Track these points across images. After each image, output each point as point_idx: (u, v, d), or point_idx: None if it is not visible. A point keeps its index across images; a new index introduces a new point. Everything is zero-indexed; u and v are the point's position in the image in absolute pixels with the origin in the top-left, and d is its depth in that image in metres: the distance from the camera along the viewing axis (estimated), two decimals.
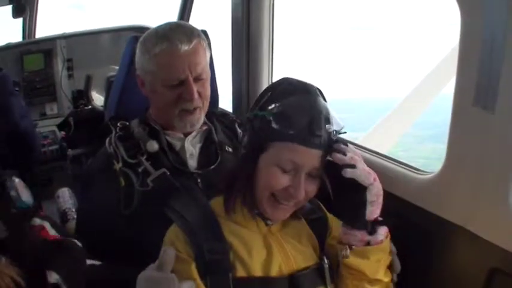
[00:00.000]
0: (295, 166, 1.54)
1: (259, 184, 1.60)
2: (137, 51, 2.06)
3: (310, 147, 1.52)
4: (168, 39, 1.95)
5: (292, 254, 1.66)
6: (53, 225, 1.85)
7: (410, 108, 5.99)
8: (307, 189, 1.58)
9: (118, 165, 1.95)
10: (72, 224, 2.56)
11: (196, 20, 3.78)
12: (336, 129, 1.56)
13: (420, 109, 5.98)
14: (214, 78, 2.41)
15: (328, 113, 1.54)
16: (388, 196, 1.91)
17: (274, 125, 1.52)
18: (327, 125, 1.53)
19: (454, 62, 1.70)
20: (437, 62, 5.65)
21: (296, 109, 1.52)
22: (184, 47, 1.93)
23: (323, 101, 1.57)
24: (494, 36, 1.52)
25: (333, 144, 1.56)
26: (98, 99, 4.03)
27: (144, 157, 1.97)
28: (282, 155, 1.54)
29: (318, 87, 1.62)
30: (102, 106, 3.63)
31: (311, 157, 1.54)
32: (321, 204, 1.87)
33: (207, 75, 2.04)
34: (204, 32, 2.10)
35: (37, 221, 1.78)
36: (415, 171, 1.93)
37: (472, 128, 1.64)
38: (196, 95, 1.97)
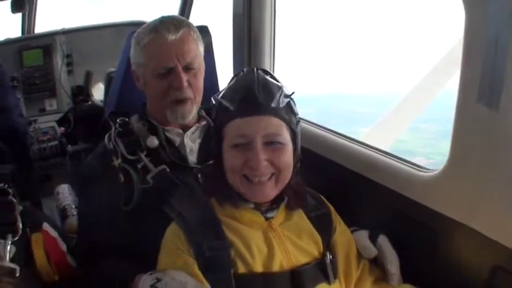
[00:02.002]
0: (246, 139, 1.58)
1: (227, 170, 1.64)
2: (131, 45, 2.07)
3: (251, 115, 1.58)
4: (156, 30, 1.96)
5: (292, 250, 1.65)
6: (53, 226, 1.86)
7: (413, 103, 5.98)
8: (272, 158, 1.59)
9: (117, 161, 1.94)
10: (72, 221, 2.56)
11: (197, 18, 3.77)
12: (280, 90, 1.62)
13: (423, 104, 5.97)
14: (215, 73, 2.40)
15: (265, 81, 1.62)
16: (391, 194, 1.94)
17: (221, 109, 1.63)
18: (264, 91, 1.59)
19: (458, 56, 1.69)
20: (440, 56, 5.63)
21: (233, 87, 1.65)
22: (171, 36, 1.94)
23: (260, 74, 1.64)
24: (498, 32, 1.50)
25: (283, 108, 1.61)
26: (99, 91, 4.00)
27: (144, 153, 1.96)
28: (232, 134, 1.60)
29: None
30: (101, 102, 3.61)
31: (259, 124, 1.58)
32: (325, 200, 1.88)
33: (199, 65, 2.03)
34: (205, 28, 2.09)
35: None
36: (419, 168, 1.91)
37: (476, 125, 1.62)
38: (185, 83, 1.97)
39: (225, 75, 2.55)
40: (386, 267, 1.78)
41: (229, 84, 1.70)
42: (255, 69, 1.67)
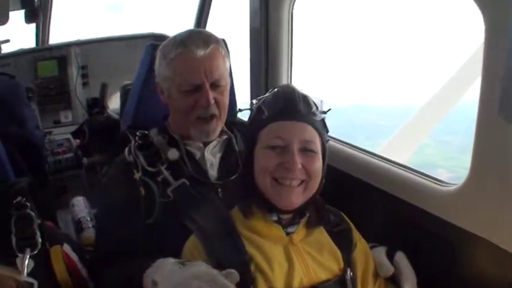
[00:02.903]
0: (284, 143, 1.62)
1: (258, 172, 1.65)
2: (156, 58, 2.05)
3: (291, 119, 1.63)
4: (184, 45, 1.94)
5: (312, 266, 1.64)
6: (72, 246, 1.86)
7: (430, 114, 5.96)
8: (305, 164, 1.62)
9: (138, 175, 1.93)
10: (87, 233, 2.55)
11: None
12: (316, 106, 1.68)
13: (440, 115, 5.95)
14: (233, 87, 2.39)
15: (304, 95, 1.68)
16: (411, 208, 1.93)
17: (258, 114, 1.68)
18: (303, 102, 1.65)
19: (476, 66, 1.68)
20: (458, 66, 5.61)
21: (274, 96, 1.69)
22: (200, 52, 1.93)
23: (299, 89, 1.70)
24: None
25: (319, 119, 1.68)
26: (114, 103, 4.01)
27: (164, 166, 1.95)
28: (269, 136, 1.64)
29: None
30: (117, 114, 3.62)
31: (296, 130, 1.62)
32: (344, 216, 1.86)
33: (225, 82, 2.02)
34: (223, 41, 2.09)
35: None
36: (439, 183, 1.90)
37: (497, 138, 1.61)
38: (212, 101, 1.95)
39: (241, 90, 2.56)
40: (402, 286, 1.76)
41: (268, 93, 1.73)
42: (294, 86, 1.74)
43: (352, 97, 14.45)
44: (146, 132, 2.05)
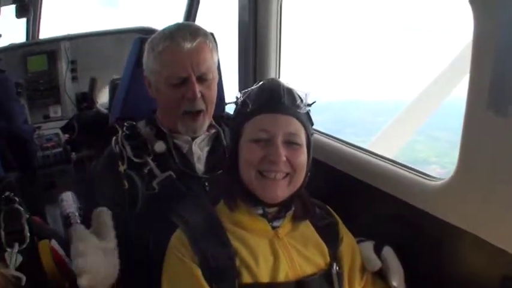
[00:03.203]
0: (268, 135, 1.62)
1: (242, 165, 1.65)
2: (145, 51, 2.05)
3: (275, 112, 1.63)
4: (172, 38, 1.94)
5: (298, 260, 1.64)
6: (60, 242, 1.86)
7: (419, 110, 5.98)
8: (290, 157, 1.62)
9: (123, 167, 1.93)
10: None
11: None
12: (301, 98, 1.68)
13: (429, 111, 5.96)
14: (221, 81, 2.39)
15: (289, 88, 1.68)
16: (398, 202, 1.92)
17: (243, 107, 1.68)
18: (288, 95, 1.65)
19: (465, 63, 1.68)
20: (447, 62, 5.62)
21: (259, 89, 1.69)
22: (187, 45, 1.92)
23: (285, 82, 1.70)
24: (508, 38, 1.50)
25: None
26: (104, 98, 4.00)
27: (151, 157, 1.95)
28: (253, 129, 1.64)
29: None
30: (106, 109, 3.60)
31: (280, 123, 1.62)
32: (331, 210, 1.86)
33: (213, 76, 2.02)
34: (211, 35, 2.08)
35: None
36: (426, 177, 1.90)
37: (485, 132, 1.61)
38: (198, 95, 1.95)
39: (229, 83, 2.55)
40: (389, 280, 1.76)
41: (254, 87, 1.73)
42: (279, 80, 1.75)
43: (344, 92, 14.50)
44: (134, 123, 2.05)
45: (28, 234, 1.69)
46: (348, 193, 2.17)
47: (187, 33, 1.94)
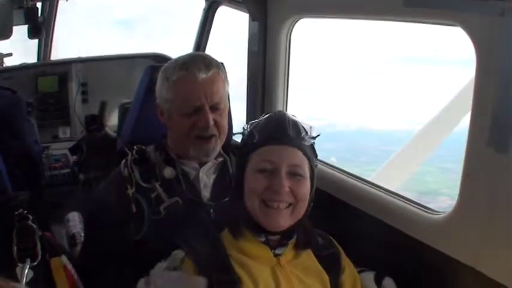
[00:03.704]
0: (273, 166, 1.66)
1: (247, 194, 1.69)
2: (158, 79, 2.08)
3: (280, 144, 1.68)
4: (187, 68, 1.97)
5: None
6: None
7: (428, 139, 5.98)
8: (293, 188, 1.66)
9: (131, 191, 1.96)
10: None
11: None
12: (306, 131, 1.73)
13: (438, 141, 5.97)
14: (230, 111, 2.43)
15: (295, 120, 1.73)
16: (400, 234, 1.94)
17: (250, 138, 1.74)
18: (293, 127, 1.70)
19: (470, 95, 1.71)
20: (453, 95, 5.64)
21: (265, 121, 1.76)
22: (202, 75, 1.96)
23: (291, 115, 1.77)
24: (510, 75, 1.54)
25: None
26: (112, 121, 4.03)
27: (158, 183, 1.98)
28: (258, 159, 1.69)
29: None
30: (114, 132, 3.64)
31: (285, 154, 1.68)
32: (333, 240, 1.88)
33: (225, 106, 2.05)
34: (222, 65, 2.12)
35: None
36: (428, 210, 1.92)
37: (485, 168, 1.64)
38: (211, 123, 1.97)
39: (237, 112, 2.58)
40: None
41: (261, 118, 1.79)
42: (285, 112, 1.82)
43: (356, 121, 14.47)
44: (143, 147, 2.08)
45: (40, 251, 1.72)
46: (349, 223, 2.19)
47: (202, 64, 1.98)
